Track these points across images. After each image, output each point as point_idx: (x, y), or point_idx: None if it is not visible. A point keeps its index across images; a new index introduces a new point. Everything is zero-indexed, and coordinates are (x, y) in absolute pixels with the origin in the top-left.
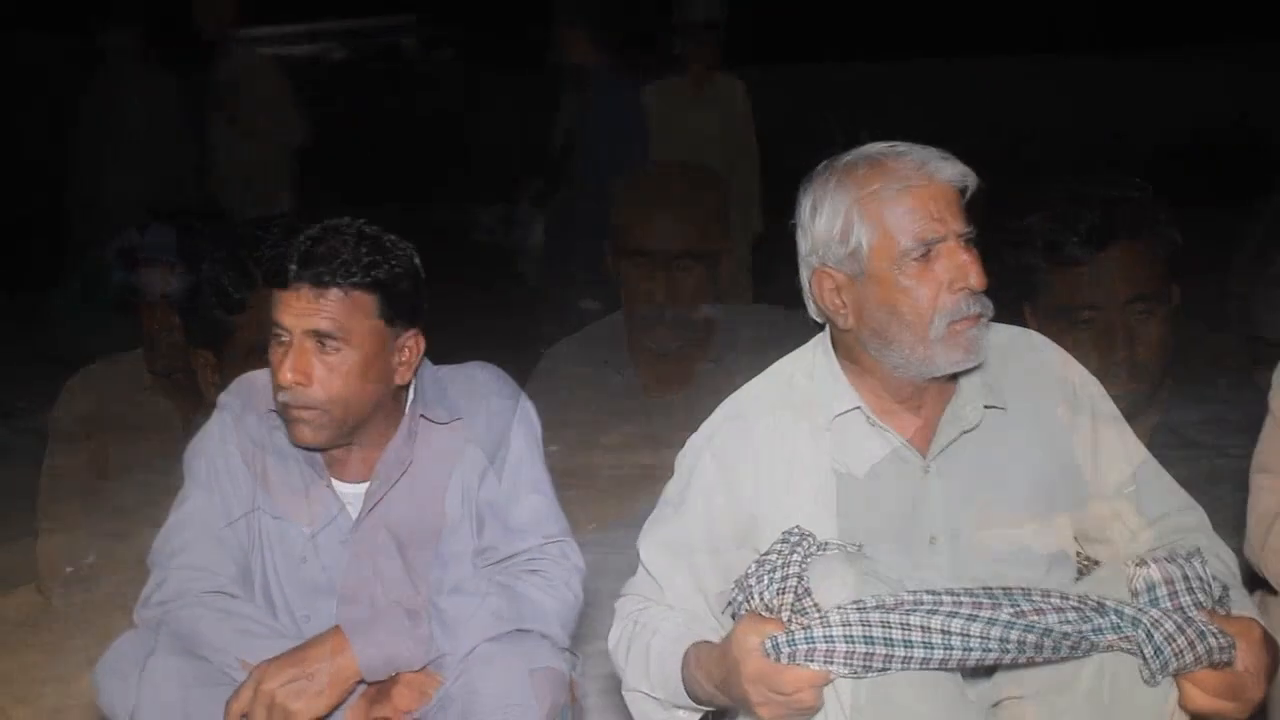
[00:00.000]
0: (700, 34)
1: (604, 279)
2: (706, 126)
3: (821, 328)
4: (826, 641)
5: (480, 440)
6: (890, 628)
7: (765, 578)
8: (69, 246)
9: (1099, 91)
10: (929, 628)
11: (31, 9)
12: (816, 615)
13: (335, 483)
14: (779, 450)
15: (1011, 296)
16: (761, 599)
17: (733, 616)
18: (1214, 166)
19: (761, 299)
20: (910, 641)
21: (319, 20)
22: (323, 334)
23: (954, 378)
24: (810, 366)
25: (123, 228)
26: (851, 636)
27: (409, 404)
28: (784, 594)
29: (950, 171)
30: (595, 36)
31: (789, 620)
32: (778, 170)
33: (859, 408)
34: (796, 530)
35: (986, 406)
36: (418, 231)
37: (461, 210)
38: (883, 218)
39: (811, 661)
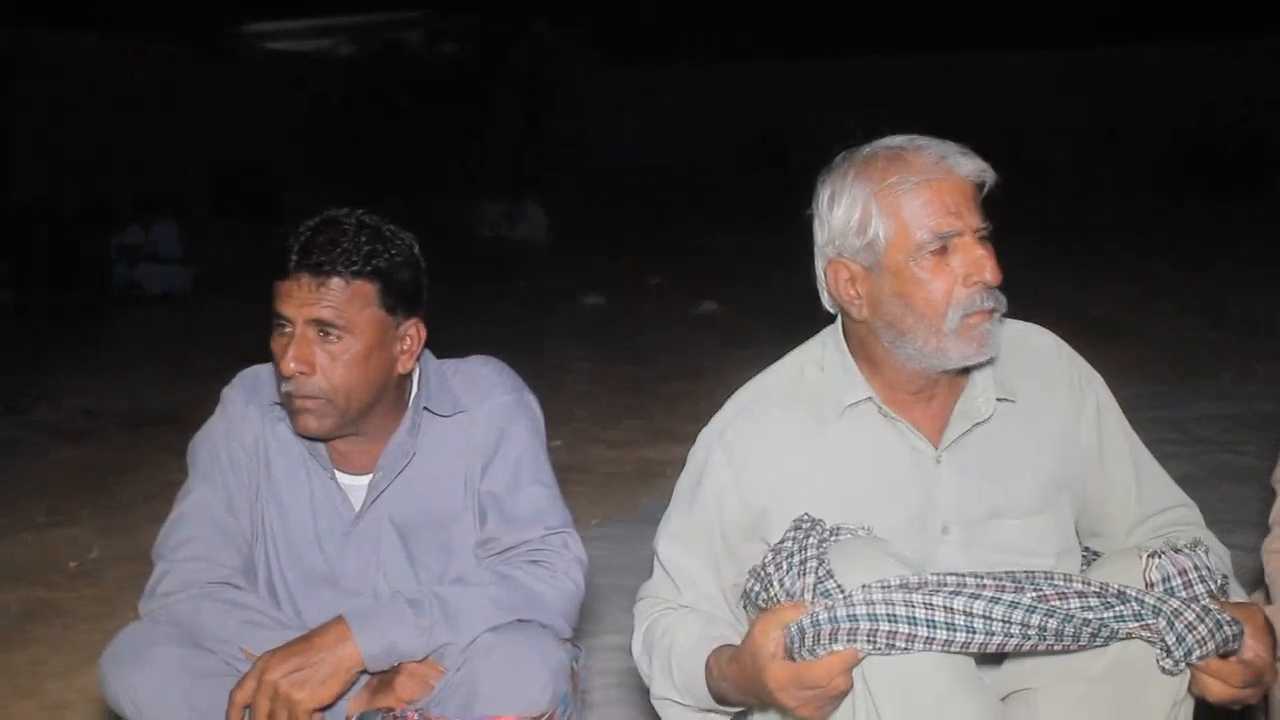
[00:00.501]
0: None
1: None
2: None
3: (833, 319)
4: (850, 620)
5: (483, 433)
6: (914, 606)
7: (784, 564)
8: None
9: (1105, 87)
10: (952, 608)
11: None
12: (840, 595)
13: (339, 474)
14: (790, 442)
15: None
16: (781, 585)
17: (745, 608)
18: (1217, 163)
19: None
20: (933, 621)
21: (328, 15)
22: (324, 323)
23: (965, 370)
24: (820, 358)
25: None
26: (875, 615)
27: (412, 396)
28: (805, 575)
29: (969, 167)
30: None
31: (812, 602)
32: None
33: (870, 398)
34: (806, 517)
35: (998, 399)
36: (420, 226)
37: (464, 205)
38: (900, 211)
39: (836, 642)
